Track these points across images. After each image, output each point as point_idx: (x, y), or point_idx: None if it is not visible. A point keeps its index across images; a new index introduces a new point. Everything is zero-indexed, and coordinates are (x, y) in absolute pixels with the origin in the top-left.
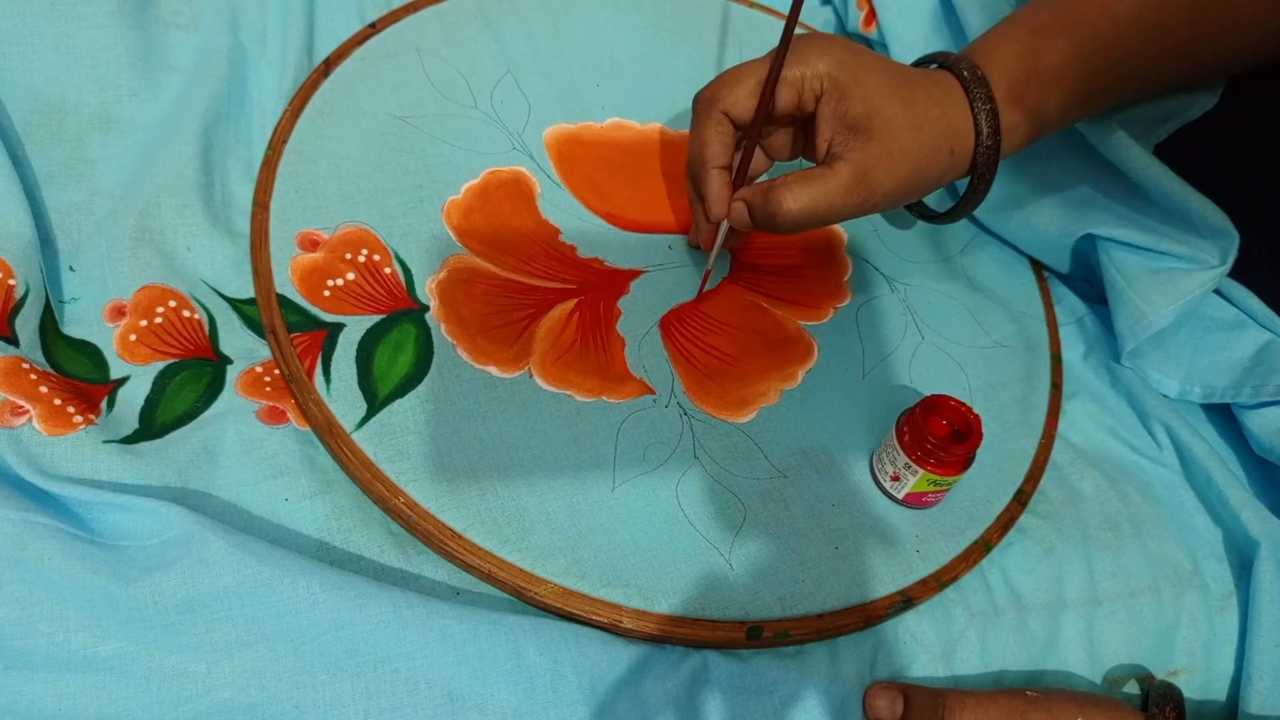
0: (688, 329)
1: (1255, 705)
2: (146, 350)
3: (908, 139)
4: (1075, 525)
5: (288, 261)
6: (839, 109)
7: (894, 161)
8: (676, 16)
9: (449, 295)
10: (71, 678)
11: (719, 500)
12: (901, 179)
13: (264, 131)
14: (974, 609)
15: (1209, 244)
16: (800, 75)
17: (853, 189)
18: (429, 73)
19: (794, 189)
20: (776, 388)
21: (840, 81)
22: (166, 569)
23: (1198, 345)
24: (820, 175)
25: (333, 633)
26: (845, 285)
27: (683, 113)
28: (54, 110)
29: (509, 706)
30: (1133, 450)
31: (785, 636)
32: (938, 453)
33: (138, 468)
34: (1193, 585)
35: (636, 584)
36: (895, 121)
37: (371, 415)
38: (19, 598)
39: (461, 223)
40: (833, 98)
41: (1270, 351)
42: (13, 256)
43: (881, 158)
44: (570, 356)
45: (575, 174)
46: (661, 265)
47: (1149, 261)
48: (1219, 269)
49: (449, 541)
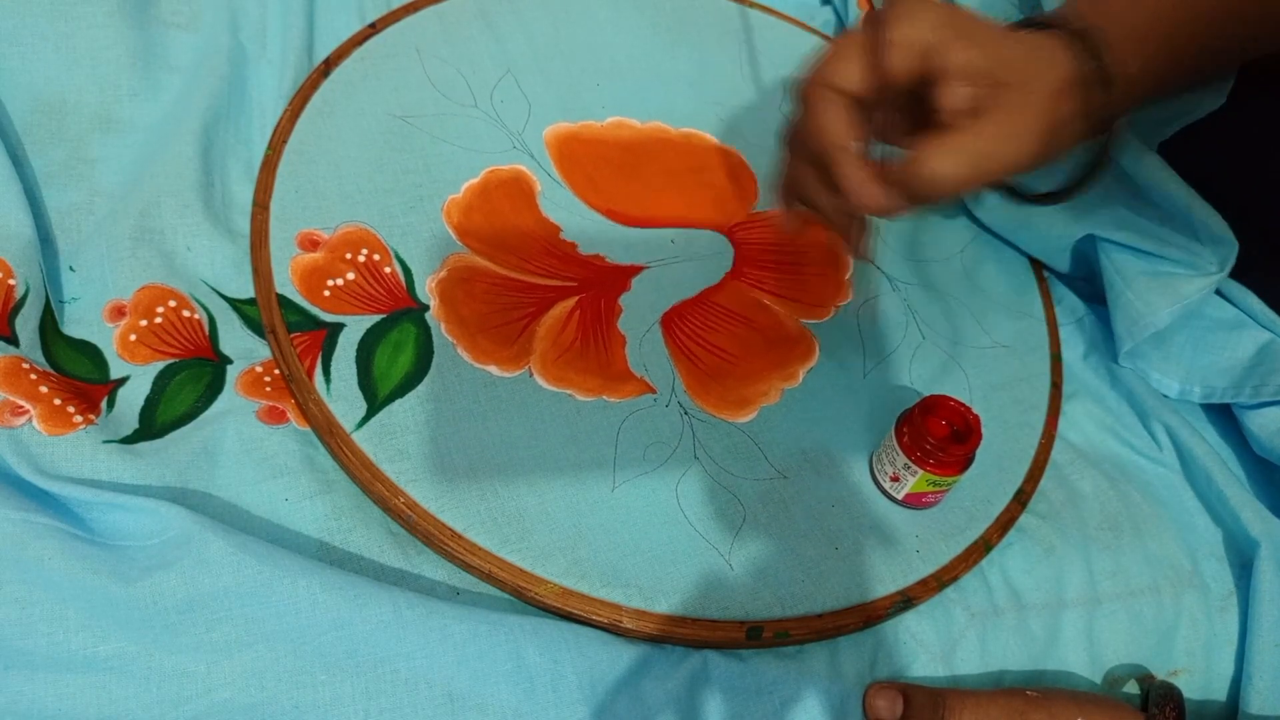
0: (689, 327)
1: (1255, 705)
2: (146, 350)
3: (1039, 83)
4: (1075, 525)
5: (288, 261)
6: (964, 61)
7: (1033, 108)
8: (676, 16)
9: (449, 294)
10: (71, 678)
11: (719, 500)
12: (1046, 132)
13: (264, 131)
14: (974, 609)
15: (1208, 251)
16: (908, 35)
17: (1007, 138)
18: (429, 73)
19: (947, 150)
20: (778, 387)
21: (958, 31)
22: (166, 569)
23: (1198, 345)
24: (971, 130)
25: (333, 633)
26: (847, 283)
27: (683, 112)
28: (54, 110)
29: (509, 706)
30: (1133, 450)
31: (785, 636)
32: (937, 453)
33: (138, 468)
34: (1193, 585)
35: (636, 584)
36: (1022, 65)
37: (371, 415)
38: (19, 598)
39: (462, 222)
40: (955, 49)
41: (1270, 351)
42: (13, 256)
43: (1023, 102)
44: (571, 355)
45: (576, 172)
46: (663, 260)
47: (1148, 264)
48: (1216, 275)
49: (449, 541)
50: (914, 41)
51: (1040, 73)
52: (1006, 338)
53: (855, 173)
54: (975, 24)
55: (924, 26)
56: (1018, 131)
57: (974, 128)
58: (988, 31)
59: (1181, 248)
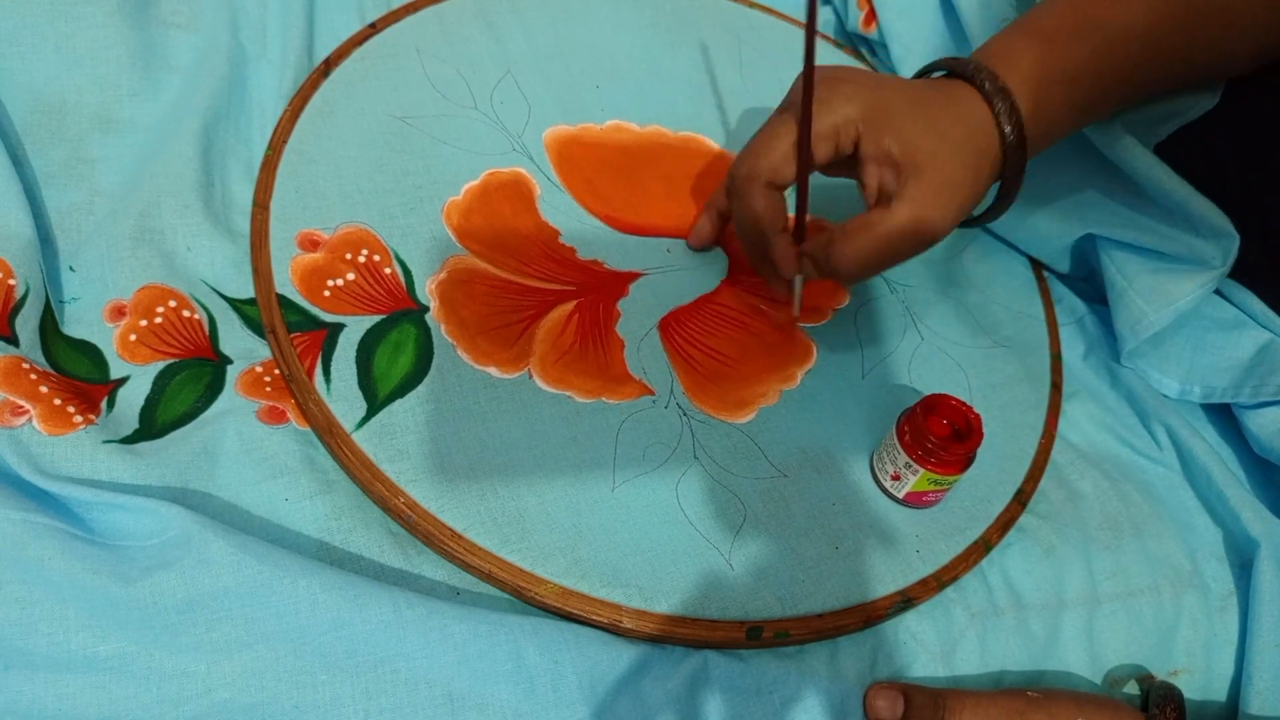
0: (687, 331)
1: (1255, 705)
2: (146, 350)
3: (950, 167)
4: (1075, 525)
5: (288, 261)
6: (880, 148)
7: (945, 192)
8: (676, 17)
9: (449, 296)
10: (71, 678)
11: (719, 500)
12: (955, 207)
13: (264, 131)
14: (974, 609)
15: (1209, 245)
16: (833, 125)
17: (913, 227)
18: (429, 73)
19: (854, 240)
20: (776, 389)
21: (874, 122)
22: (166, 569)
23: (1198, 345)
24: (878, 219)
25: (333, 633)
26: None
27: (682, 113)
28: (54, 110)
29: (509, 706)
30: (1133, 450)
31: (785, 636)
32: (938, 452)
33: (138, 468)
34: (1193, 585)
35: (636, 584)
36: (937, 153)
37: (371, 415)
38: (19, 598)
39: (461, 224)
40: (871, 139)
41: (1270, 351)
42: (13, 256)
43: (934, 190)
44: (570, 358)
45: (575, 176)
46: (660, 268)
47: (1149, 262)
48: (1219, 270)
49: (449, 541)
50: (836, 132)
51: (954, 146)
52: (1006, 338)
53: (784, 252)
54: (897, 105)
55: (848, 112)
56: (924, 216)
57: (883, 220)
58: (907, 110)
59: (1183, 243)
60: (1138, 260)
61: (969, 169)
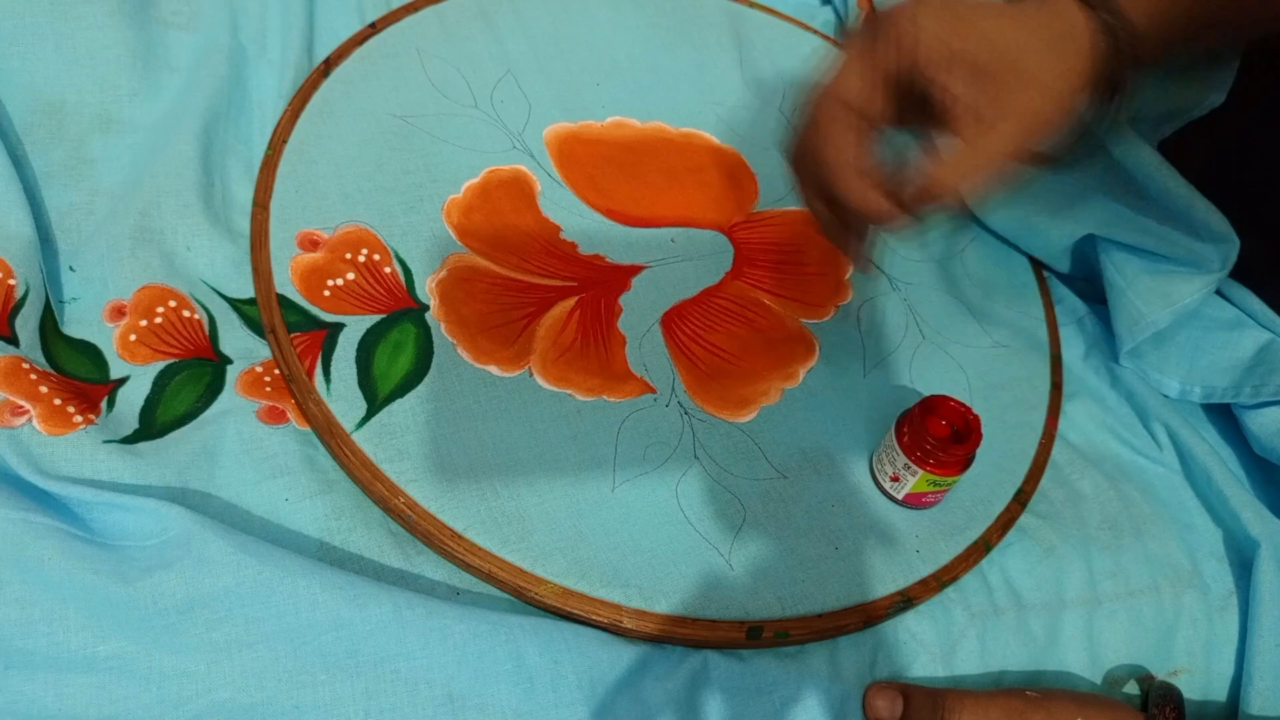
0: (689, 326)
1: (1256, 705)
2: (146, 350)
3: (1046, 67)
4: (1075, 525)
5: (288, 261)
6: (961, 70)
7: (1043, 95)
8: (676, 16)
9: (449, 294)
10: (71, 678)
11: (719, 500)
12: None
13: (264, 131)
14: (974, 609)
15: (1209, 248)
16: (909, 43)
17: (1016, 139)
18: (429, 72)
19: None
20: (778, 386)
21: (958, 33)
22: (166, 569)
23: (1198, 345)
24: (978, 136)
25: (333, 633)
26: (847, 283)
27: (683, 111)
28: (54, 110)
29: (509, 706)
30: (1133, 450)
31: (785, 636)
32: (937, 453)
33: (138, 468)
34: (1193, 585)
35: (636, 584)
36: (1028, 52)
37: (371, 415)
38: (19, 598)
39: (462, 221)
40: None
41: (1270, 351)
42: (13, 256)
43: (1025, 105)
44: (571, 355)
45: (576, 172)
46: (664, 260)
47: (1149, 263)
48: (1218, 274)
49: (449, 541)
50: (916, 48)
51: (1047, 64)
52: (1006, 338)
53: (868, 195)
54: (979, 19)
55: (927, 31)
56: (1019, 133)
57: (977, 138)
58: (993, 24)
59: (1183, 246)
60: (1137, 261)
61: (1068, 71)
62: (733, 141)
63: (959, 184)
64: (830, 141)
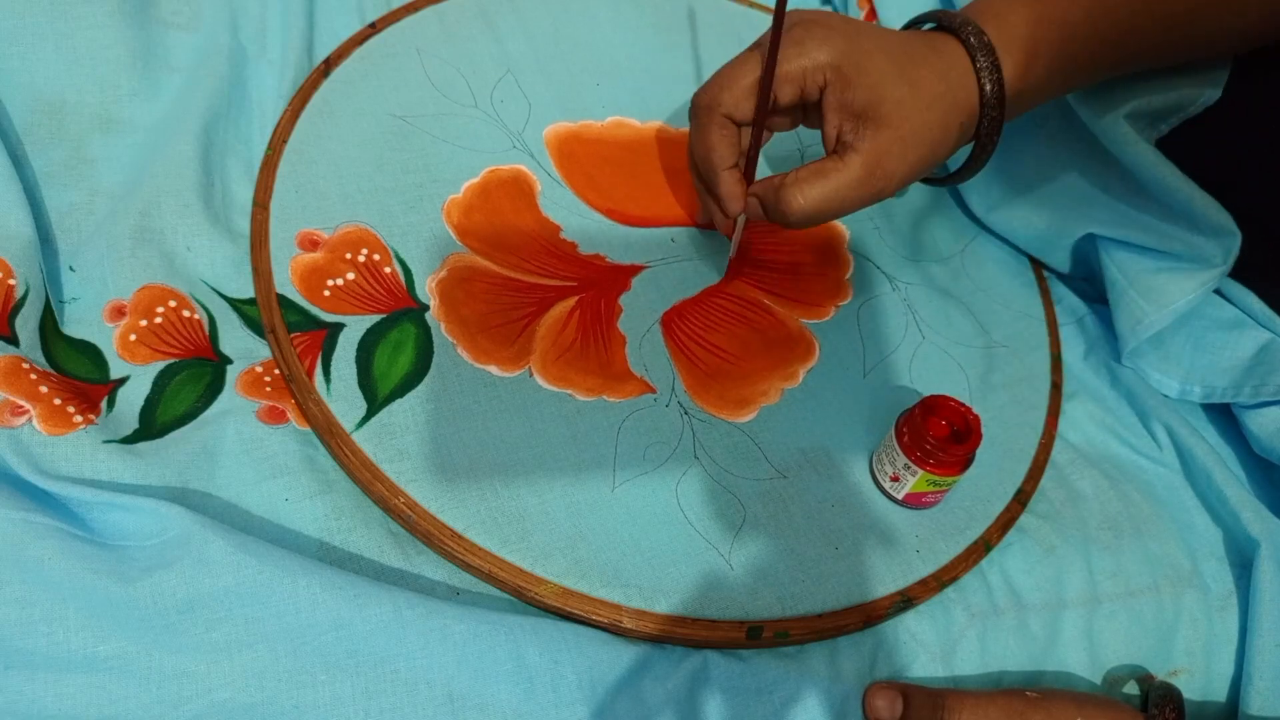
0: (689, 327)
1: (1255, 705)
2: (146, 350)
3: (918, 120)
4: (1075, 525)
5: (288, 261)
6: (844, 98)
7: (906, 146)
8: (676, 16)
9: (449, 294)
10: (71, 678)
11: (719, 500)
12: (914, 162)
13: (264, 131)
14: (974, 609)
15: (1211, 243)
16: (801, 69)
17: (865, 180)
18: (429, 72)
19: (804, 186)
20: (778, 387)
21: (843, 71)
22: (166, 569)
23: (1198, 345)
24: (832, 168)
25: (333, 633)
26: (847, 283)
27: (682, 110)
28: (54, 110)
29: (509, 706)
30: (1133, 450)
31: (785, 636)
32: (937, 453)
33: (138, 468)
34: (1193, 585)
35: (636, 584)
36: (904, 105)
37: (371, 415)
38: (19, 598)
39: (462, 221)
40: (837, 88)
41: (1270, 351)
42: (13, 256)
43: (894, 143)
44: (571, 355)
45: (576, 172)
46: (664, 260)
47: (1150, 261)
48: (1220, 268)
49: (449, 541)
50: (804, 76)
51: (926, 102)
52: (1006, 338)
53: (730, 188)
54: (873, 56)
55: (819, 58)
56: (877, 168)
57: (837, 169)
58: (883, 63)
59: (1184, 242)
60: (1138, 259)
61: (937, 127)
62: None
63: (801, 201)
64: (713, 148)
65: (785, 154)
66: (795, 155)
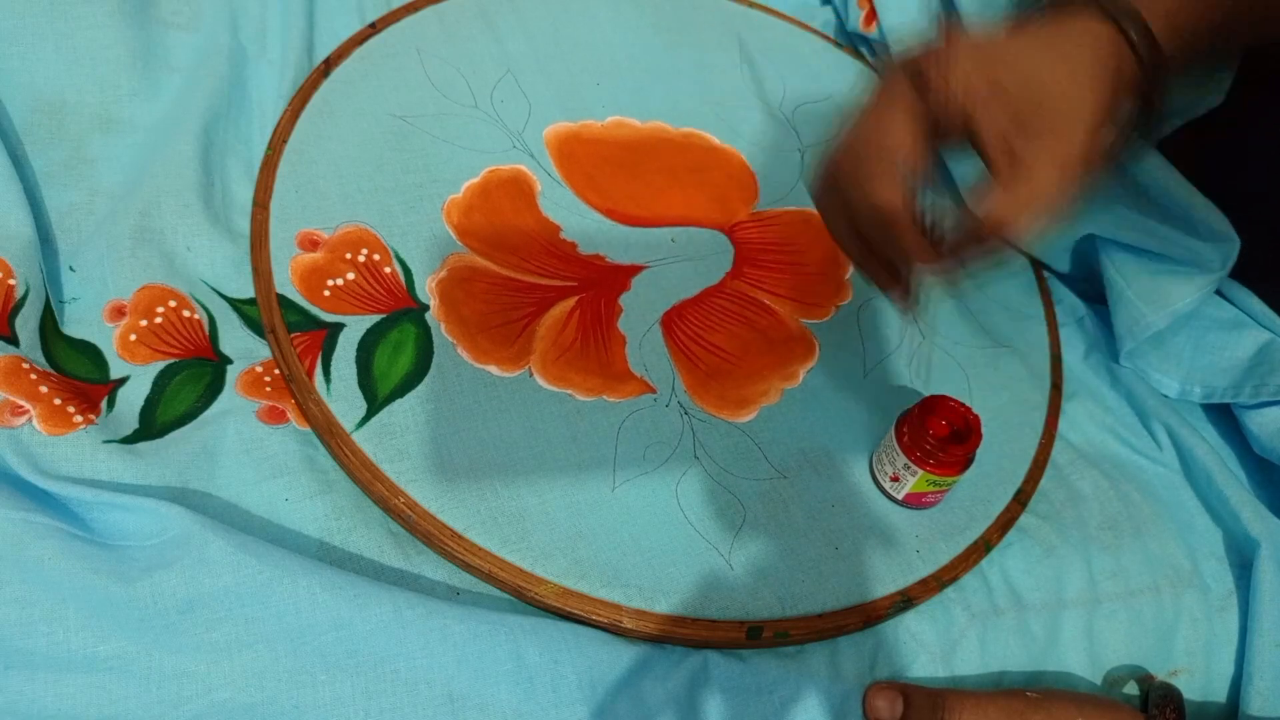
0: (689, 327)
1: (1255, 705)
2: (146, 350)
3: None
4: (1075, 525)
5: (288, 261)
6: (994, 118)
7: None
8: (676, 16)
9: (449, 294)
10: (71, 678)
11: (719, 500)
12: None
13: (264, 131)
14: (974, 609)
15: (1209, 248)
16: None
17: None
18: (429, 72)
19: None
20: (778, 387)
21: (991, 81)
22: (166, 569)
23: (1198, 345)
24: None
25: (333, 633)
26: (847, 283)
27: (683, 111)
28: (54, 110)
29: (509, 706)
30: (1133, 450)
31: (785, 636)
32: (937, 453)
33: (138, 468)
34: (1193, 585)
35: (636, 584)
36: (1062, 89)
37: (371, 415)
38: (19, 598)
39: (462, 221)
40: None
41: (1270, 351)
42: (13, 256)
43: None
44: (571, 355)
45: (576, 172)
46: (664, 260)
47: (1149, 263)
48: (1218, 274)
49: (449, 541)
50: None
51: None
52: (1006, 338)
53: (914, 234)
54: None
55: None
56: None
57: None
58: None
59: (1183, 246)
60: (1137, 261)
61: (1100, 92)
62: (733, 141)
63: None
64: (880, 192)
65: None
66: (795, 156)
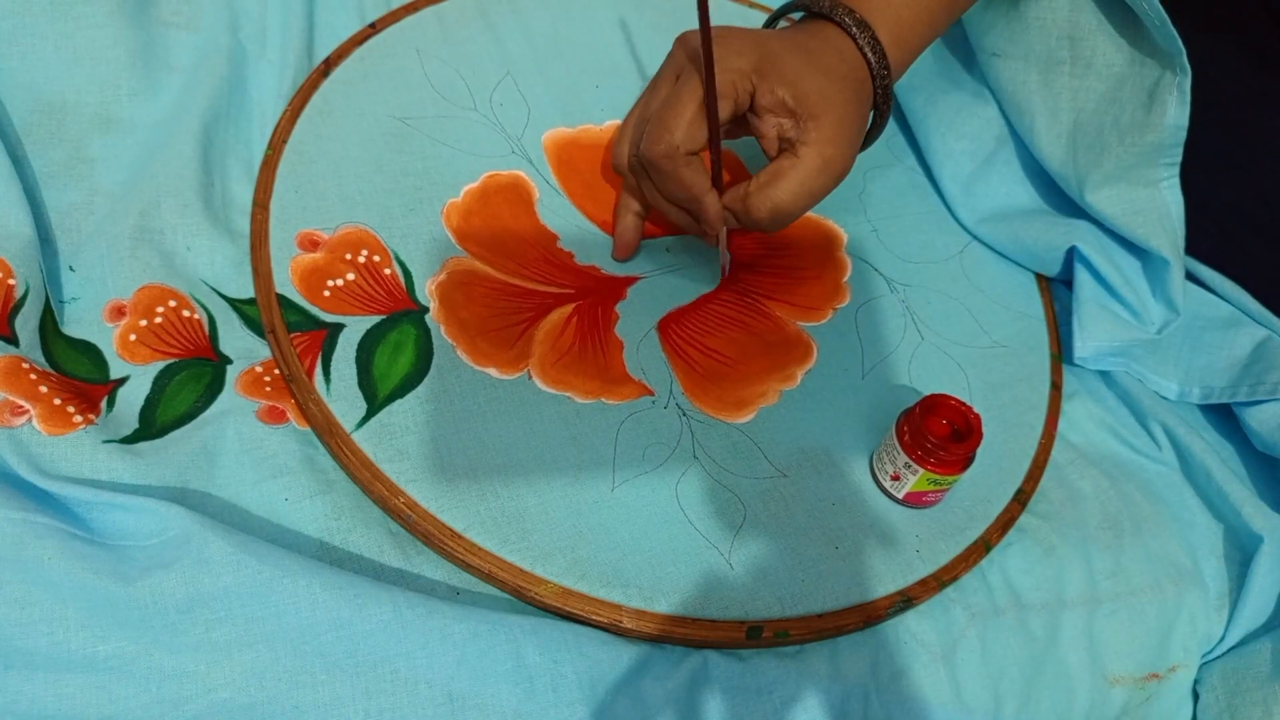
0: (686, 331)
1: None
2: (146, 350)
3: (840, 100)
4: (1075, 525)
5: (288, 261)
6: (774, 98)
7: (843, 126)
8: (677, 17)
9: (449, 297)
10: (71, 678)
11: (719, 500)
12: (853, 139)
13: (264, 131)
14: (974, 609)
15: (1157, 308)
16: (730, 81)
17: (824, 168)
18: (429, 74)
19: (768, 190)
20: (775, 389)
21: (765, 72)
22: (166, 569)
23: (1195, 345)
24: (789, 167)
25: (333, 633)
26: (844, 286)
27: None
28: (54, 110)
29: (509, 706)
30: (1133, 450)
31: (785, 636)
32: (938, 452)
33: (138, 468)
34: (1193, 583)
35: (636, 584)
36: (826, 91)
37: (371, 415)
38: (19, 598)
39: (461, 225)
40: (764, 90)
41: (1267, 348)
42: (13, 256)
43: (832, 127)
44: (569, 359)
45: (574, 180)
46: (659, 270)
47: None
48: (1152, 335)
49: (449, 541)
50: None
51: (838, 82)
52: (1006, 338)
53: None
54: (782, 52)
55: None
56: (830, 155)
57: (794, 167)
58: (793, 56)
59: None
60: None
61: (854, 102)
62: (731, 145)
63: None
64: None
65: None
66: None
